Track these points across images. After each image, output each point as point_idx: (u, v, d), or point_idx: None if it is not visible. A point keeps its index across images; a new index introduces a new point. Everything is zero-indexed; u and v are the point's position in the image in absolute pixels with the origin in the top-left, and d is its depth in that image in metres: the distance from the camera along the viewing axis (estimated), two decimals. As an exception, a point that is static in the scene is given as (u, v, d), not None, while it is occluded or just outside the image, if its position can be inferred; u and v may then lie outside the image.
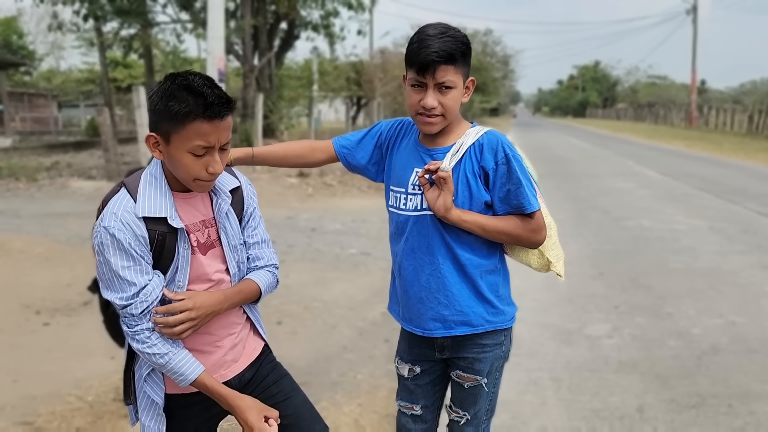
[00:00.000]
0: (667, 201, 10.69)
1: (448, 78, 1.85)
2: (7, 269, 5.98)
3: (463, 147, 1.90)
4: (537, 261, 2.06)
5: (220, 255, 1.80)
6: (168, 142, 1.63)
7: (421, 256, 1.96)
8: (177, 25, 19.85)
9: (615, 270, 6.20)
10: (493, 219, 1.92)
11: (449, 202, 1.87)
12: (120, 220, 1.63)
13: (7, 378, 3.70)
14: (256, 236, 1.91)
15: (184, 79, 1.61)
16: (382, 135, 2.12)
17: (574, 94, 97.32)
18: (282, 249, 6.99)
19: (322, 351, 4.21)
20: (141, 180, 1.71)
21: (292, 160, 2.20)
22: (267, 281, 1.90)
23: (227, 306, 1.78)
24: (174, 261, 1.71)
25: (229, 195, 1.82)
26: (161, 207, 1.68)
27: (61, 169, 14.09)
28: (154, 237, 1.67)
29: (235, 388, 1.85)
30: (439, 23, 1.91)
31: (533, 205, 1.90)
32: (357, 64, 29.71)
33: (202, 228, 1.77)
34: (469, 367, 2.02)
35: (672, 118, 51.32)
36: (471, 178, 1.90)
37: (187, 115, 1.58)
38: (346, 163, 2.16)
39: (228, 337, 1.85)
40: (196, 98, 1.57)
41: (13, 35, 37.80)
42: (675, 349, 4.19)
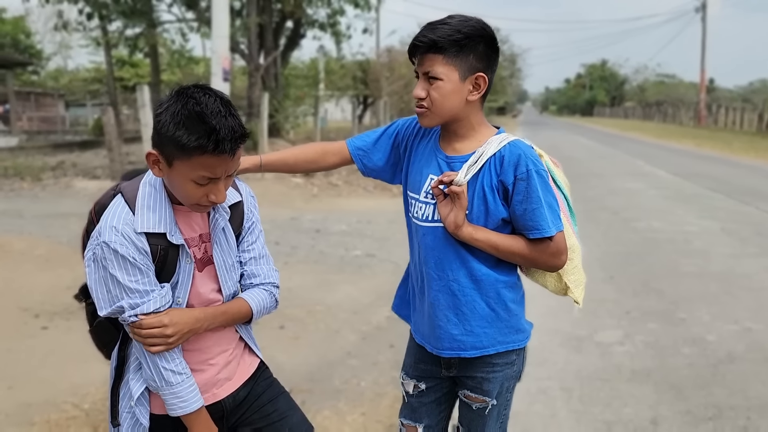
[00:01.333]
0: (678, 201, 10.54)
1: (434, 68, 1.71)
2: (6, 271, 5.90)
3: (483, 157, 1.74)
4: (554, 284, 1.92)
5: (214, 273, 1.70)
6: (170, 165, 1.51)
7: (432, 270, 1.83)
8: (182, 24, 19.82)
9: (626, 273, 6.07)
10: (508, 239, 1.77)
11: (460, 219, 1.73)
12: (121, 234, 1.53)
13: (2, 384, 3.61)
14: (254, 251, 1.78)
15: (197, 103, 1.46)
16: (400, 134, 1.98)
17: (582, 93, 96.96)
18: (285, 251, 6.90)
19: (324, 357, 4.11)
20: (139, 190, 1.60)
21: (302, 166, 2.06)
22: (261, 301, 1.76)
23: (207, 325, 1.65)
24: (175, 276, 1.61)
25: (228, 211, 1.70)
26: (161, 222, 1.57)
27: (66, 168, 14.05)
28: (157, 251, 1.57)
29: (228, 407, 1.76)
30: (463, 15, 1.77)
31: (551, 229, 1.73)
32: (363, 62, 29.58)
33: (199, 243, 1.67)
34: (478, 387, 1.88)
35: (681, 117, 51.00)
36: (488, 193, 1.75)
37: (195, 149, 1.46)
38: (362, 165, 2.02)
39: (221, 355, 1.74)
40: (209, 133, 1.45)
41: (20, 35, 37.90)
42: (689, 357, 4.06)
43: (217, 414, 1.75)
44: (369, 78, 28.78)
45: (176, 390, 1.58)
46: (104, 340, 1.73)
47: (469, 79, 1.74)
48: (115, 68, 26.40)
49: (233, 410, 1.78)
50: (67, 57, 58.90)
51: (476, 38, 1.72)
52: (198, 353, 1.70)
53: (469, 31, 1.71)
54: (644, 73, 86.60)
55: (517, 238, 1.78)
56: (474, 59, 1.73)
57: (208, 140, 1.45)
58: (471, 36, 1.71)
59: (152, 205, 1.58)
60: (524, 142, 1.81)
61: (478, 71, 1.75)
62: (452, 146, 1.83)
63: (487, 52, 1.75)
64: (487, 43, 1.74)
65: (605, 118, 75.76)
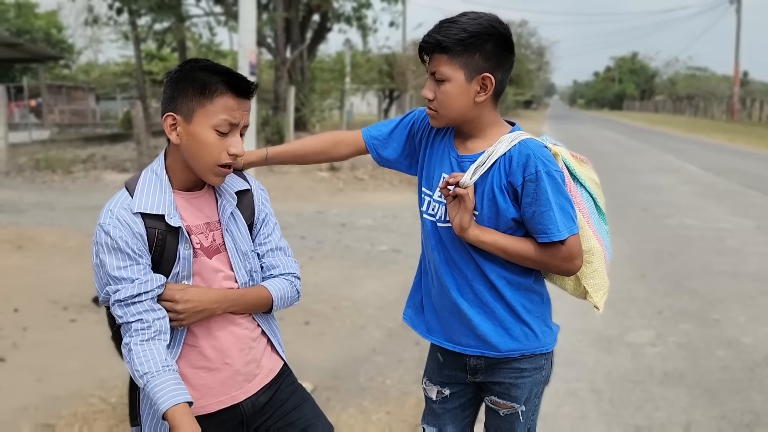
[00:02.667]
0: (710, 198, 10.31)
1: (439, 68, 1.67)
2: (38, 263, 5.99)
3: (492, 157, 1.68)
4: (572, 287, 1.84)
5: (227, 261, 1.66)
6: (190, 120, 1.53)
7: (451, 269, 1.77)
8: (210, 18, 19.95)
9: (657, 272, 5.94)
10: (517, 242, 1.70)
11: (466, 221, 1.66)
12: (116, 217, 1.52)
13: (31, 377, 3.65)
14: (270, 243, 1.75)
15: (207, 62, 1.58)
16: (416, 124, 1.91)
17: (611, 86, 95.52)
18: (311, 245, 6.89)
19: (350, 353, 4.08)
20: (141, 176, 1.60)
21: (312, 157, 2.01)
22: (281, 289, 1.72)
23: (225, 307, 1.62)
24: (176, 264, 1.58)
25: (235, 197, 1.68)
26: (159, 204, 1.55)
27: (96, 161, 14.26)
28: (154, 236, 1.55)
29: (247, 412, 1.70)
30: (474, 11, 1.70)
31: (561, 233, 1.65)
32: (389, 56, 29.50)
33: (206, 231, 1.63)
34: (506, 393, 1.82)
35: (712, 111, 49.94)
36: (498, 193, 1.69)
37: (217, 87, 1.52)
38: (377, 155, 1.96)
39: (239, 354, 1.68)
40: (222, 74, 1.54)
41: (53, 29, 38.55)
42: (724, 360, 3.95)
43: (236, 419, 1.70)
44: (395, 71, 28.69)
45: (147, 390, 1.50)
46: None
47: (475, 80, 1.67)
48: (144, 62, 26.70)
49: (254, 416, 1.72)
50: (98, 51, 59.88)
51: (483, 36, 1.64)
52: (214, 351, 1.65)
53: (476, 30, 1.63)
54: (675, 66, 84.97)
55: (527, 241, 1.71)
56: (480, 58, 1.65)
57: (228, 78, 1.53)
58: (477, 35, 1.63)
59: (152, 188, 1.58)
60: (536, 140, 1.73)
61: (485, 71, 1.67)
62: (465, 145, 1.78)
63: (497, 51, 1.67)
64: (496, 41, 1.66)
65: (634, 111, 74.59)
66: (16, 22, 35.22)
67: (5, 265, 5.89)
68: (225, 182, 1.67)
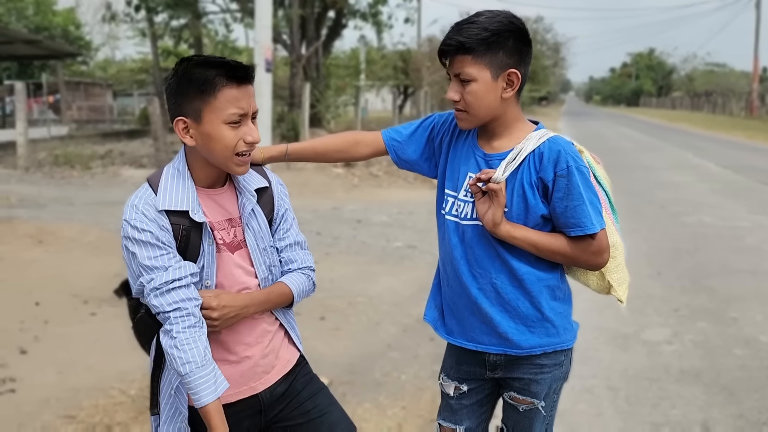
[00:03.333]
0: (728, 195, 10.20)
1: (464, 69, 1.67)
2: (58, 258, 6.08)
3: (522, 154, 1.70)
4: (596, 283, 1.86)
5: (248, 257, 1.69)
6: (200, 120, 1.55)
7: (473, 268, 1.78)
8: (226, 14, 20.05)
9: (674, 270, 5.90)
10: (548, 237, 1.72)
11: (498, 217, 1.68)
12: (141, 212, 1.56)
13: (53, 369, 3.72)
14: (289, 238, 1.79)
15: (199, 57, 1.58)
16: (435, 128, 1.93)
17: (628, 83, 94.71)
18: (327, 241, 6.93)
19: (365, 349, 4.11)
20: (163, 173, 1.63)
21: (332, 156, 2.02)
22: (300, 284, 1.77)
23: (253, 310, 1.67)
24: (200, 258, 1.61)
25: (255, 194, 1.71)
26: (183, 200, 1.58)
27: (114, 157, 14.40)
28: (179, 231, 1.58)
29: (265, 402, 1.75)
30: (489, 9, 1.72)
31: (594, 226, 1.68)
32: (404, 52, 29.46)
33: (228, 227, 1.66)
34: (525, 389, 1.83)
35: (731, 108, 49.34)
36: (528, 189, 1.70)
37: (217, 81, 1.52)
38: (396, 157, 1.98)
39: (257, 346, 1.72)
40: (219, 67, 1.54)
41: (71, 26, 38.90)
42: (742, 359, 3.92)
43: (254, 407, 1.74)
44: (410, 68, 28.64)
45: (188, 380, 1.54)
46: (147, 336, 1.73)
47: (501, 77, 1.69)
48: (161, 59, 26.89)
49: (271, 405, 1.76)
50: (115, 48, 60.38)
51: (504, 33, 1.66)
52: (234, 345, 1.69)
53: (497, 28, 1.65)
54: (693, 62, 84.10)
55: (558, 236, 1.73)
56: (504, 55, 1.67)
57: (224, 70, 1.52)
58: (499, 32, 1.65)
59: (176, 185, 1.60)
60: (564, 138, 1.75)
61: (509, 67, 1.69)
62: (490, 143, 1.79)
63: (518, 47, 1.69)
64: (516, 37, 1.68)
65: (651, 108, 73.91)
66: (35, 19, 35.59)
67: (27, 259, 5.99)
68: (245, 180, 1.70)
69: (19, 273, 5.55)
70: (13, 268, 5.70)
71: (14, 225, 7.19)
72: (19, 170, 12.40)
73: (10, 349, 3.97)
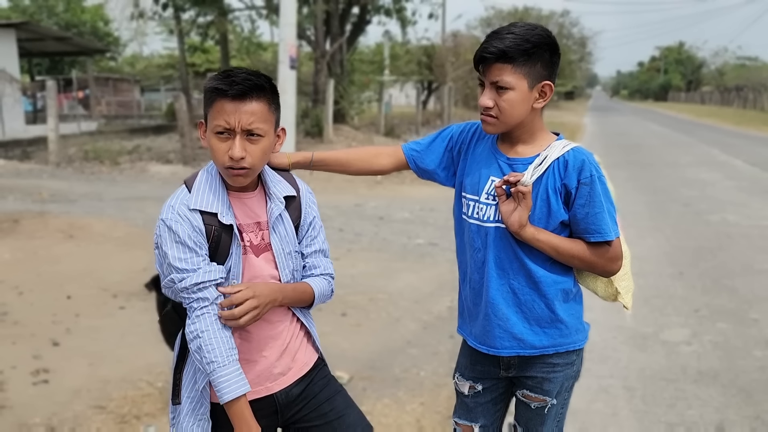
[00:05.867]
0: (755, 194, 10.06)
1: (502, 78, 1.72)
2: (88, 252, 6.25)
3: (548, 160, 1.76)
4: (604, 289, 1.93)
5: (273, 260, 1.77)
6: (206, 127, 1.68)
7: (492, 270, 1.85)
8: (251, 11, 20.20)
9: (696, 269, 5.87)
10: (568, 242, 1.79)
11: (524, 219, 1.75)
12: (177, 212, 1.65)
13: (84, 361, 3.86)
14: (315, 245, 1.87)
15: (230, 68, 1.67)
16: (453, 138, 2.01)
17: (656, 77, 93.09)
18: (349, 237, 7.01)
19: (385, 345, 4.18)
20: (198, 176, 1.73)
21: (355, 165, 2.09)
22: (322, 288, 1.86)
23: (282, 299, 1.74)
24: (228, 259, 1.69)
25: (283, 201, 1.78)
26: (213, 203, 1.67)
27: (142, 152, 14.65)
28: (211, 232, 1.67)
29: (281, 403, 1.80)
30: (523, 22, 1.79)
31: (612, 233, 1.76)
32: (428, 47, 29.39)
33: (256, 230, 1.74)
34: (538, 387, 1.91)
35: (762, 103, 48.21)
36: (552, 195, 1.77)
37: (213, 92, 1.61)
38: (415, 166, 2.06)
39: (274, 347, 1.79)
40: (225, 77, 1.61)
41: (99, 22, 39.47)
42: (761, 360, 3.92)
43: (270, 408, 1.80)
44: (434, 63, 28.60)
45: (212, 376, 1.61)
46: (171, 330, 1.83)
47: (536, 88, 1.76)
48: (188, 54, 27.20)
49: (287, 405, 1.82)
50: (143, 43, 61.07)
51: (543, 46, 1.72)
52: (250, 344, 1.75)
53: (537, 40, 1.71)
54: (724, 56, 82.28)
55: (577, 241, 1.79)
56: (541, 67, 1.74)
57: (221, 82, 1.60)
58: (539, 45, 1.71)
59: (208, 188, 1.69)
60: (585, 149, 1.82)
61: (545, 79, 1.76)
62: (514, 149, 1.85)
63: (553, 59, 1.76)
64: (552, 50, 1.75)
65: (680, 103, 72.65)
66: (65, 16, 36.19)
67: (59, 253, 6.18)
68: (275, 187, 1.78)
69: (52, 267, 5.74)
70: (46, 262, 5.89)
71: (46, 220, 7.40)
72: (51, 165, 12.70)
73: (43, 340, 4.13)
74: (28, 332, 4.27)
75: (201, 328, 1.62)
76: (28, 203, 8.66)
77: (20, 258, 6.00)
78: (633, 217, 8.14)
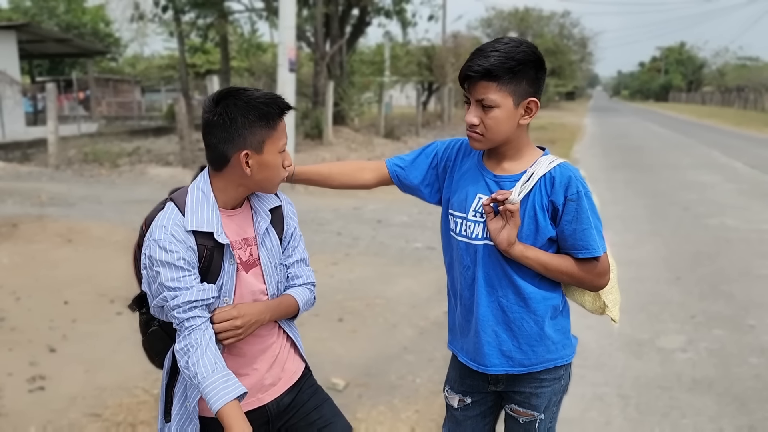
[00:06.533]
0: (755, 197, 10.04)
1: (487, 96, 1.72)
2: (86, 257, 6.26)
3: (534, 177, 1.76)
4: (591, 303, 1.94)
5: (261, 274, 1.79)
6: (261, 151, 1.67)
7: (481, 287, 1.85)
8: (251, 13, 20.21)
9: (693, 275, 5.86)
10: (557, 258, 1.79)
11: (513, 236, 1.75)
12: (171, 233, 1.64)
13: (80, 368, 3.86)
14: (296, 255, 1.90)
15: (244, 91, 1.68)
16: (438, 155, 2.01)
17: (657, 77, 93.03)
18: (347, 242, 7.02)
19: (382, 351, 4.19)
20: (188, 194, 1.72)
21: (337, 180, 2.09)
22: (305, 298, 1.89)
23: (269, 316, 1.78)
24: (220, 277, 1.70)
25: (269, 214, 1.81)
26: (209, 221, 1.68)
27: (141, 154, 14.66)
28: (203, 251, 1.67)
29: (272, 413, 1.84)
30: (512, 38, 1.77)
31: (599, 249, 1.77)
32: (429, 48, 29.42)
33: (245, 246, 1.76)
34: (526, 402, 1.91)
35: (763, 103, 48.16)
36: (539, 212, 1.77)
37: (276, 116, 1.67)
38: (399, 182, 2.06)
39: (264, 359, 1.83)
40: (275, 98, 1.68)
41: (100, 23, 39.49)
42: (756, 368, 3.92)
43: (262, 419, 1.83)
44: (434, 64, 28.63)
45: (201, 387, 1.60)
46: (157, 348, 1.83)
47: (522, 105, 1.75)
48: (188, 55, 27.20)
49: (278, 415, 1.86)
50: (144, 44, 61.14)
51: (528, 63, 1.72)
52: (241, 358, 1.79)
53: (522, 58, 1.70)
54: (725, 56, 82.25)
55: (565, 258, 1.79)
56: (527, 84, 1.73)
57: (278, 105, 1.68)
58: (524, 62, 1.70)
59: (201, 207, 1.69)
60: (571, 164, 1.82)
61: (530, 96, 1.75)
62: (500, 165, 1.85)
63: (539, 76, 1.75)
64: (537, 67, 1.74)
65: (681, 103, 72.60)
66: (65, 17, 36.22)
67: (57, 258, 6.18)
68: (260, 201, 1.80)
69: (50, 272, 5.74)
70: (44, 267, 5.89)
71: (45, 224, 7.41)
72: (50, 168, 12.71)
73: (40, 347, 4.14)
74: (25, 338, 4.28)
75: (191, 343, 1.62)
76: (27, 207, 8.67)
77: (18, 263, 6.01)
78: (632, 221, 8.14)
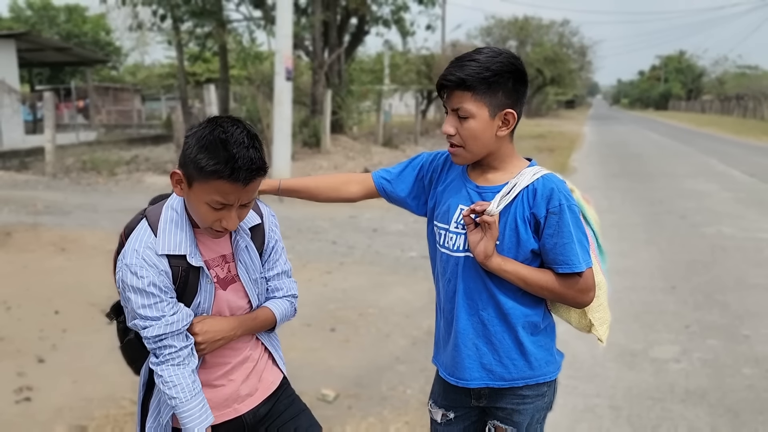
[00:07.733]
0: (752, 205, 10.02)
1: (462, 105, 1.69)
2: (79, 266, 6.23)
3: (516, 189, 1.72)
4: (577, 320, 1.90)
5: (241, 289, 1.78)
6: (190, 186, 1.58)
7: (461, 300, 1.82)
8: (250, 22, 20.26)
9: (689, 284, 5.83)
10: (537, 272, 1.75)
11: (490, 249, 1.71)
12: (143, 257, 1.60)
13: (68, 378, 3.83)
14: (277, 268, 1.87)
15: (224, 131, 1.53)
16: (424, 167, 1.99)
17: (656, 86, 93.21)
18: (342, 251, 6.99)
19: (373, 361, 4.15)
20: (162, 214, 1.68)
21: (324, 193, 2.07)
22: (284, 310, 1.87)
23: (241, 332, 1.76)
24: (197, 296, 1.68)
25: (248, 233, 1.78)
26: (181, 244, 1.65)
27: (139, 163, 14.67)
28: (178, 273, 1.65)
29: (248, 423, 1.83)
30: (491, 48, 1.75)
31: (581, 264, 1.71)
32: (428, 57, 29.50)
33: (222, 263, 1.74)
34: (508, 418, 1.87)
35: (762, 112, 48.20)
36: (520, 224, 1.73)
37: (212, 173, 1.52)
38: (385, 194, 2.04)
39: (240, 370, 1.81)
40: (227, 160, 1.51)
41: (101, 32, 39.67)
42: (750, 379, 3.88)
43: (238, 429, 1.83)
44: (433, 72, 28.66)
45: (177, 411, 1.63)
46: (133, 356, 1.83)
47: (498, 116, 1.72)
48: (188, 64, 27.28)
49: (254, 426, 1.85)
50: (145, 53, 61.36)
51: (506, 75, 1.69)
52: (218, 368, 1.77)
53: (498, 68, 1.68)
54: (724, 64, 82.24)
55: (546, 272, 1.75)
56: (503, 96, 1.71)
57: (224, 167, 1.51)
58: (500, 73, 1.68)
59: (174, 228, 1.66)
60: (557, 176, 1.79)
61: (507, 107, 1.72)
62: (484, 176, 1.82)
63: (516, 87, 1.72)
64: (516, 78, 1.71)
65: (680, 111, 72.74)
66: (66, 26, 36.38)
67: (49, 267, 6.16)
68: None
69: (42, 281, 5.72)
70: (36, 276, 5.87)
71: (39, 232, 7.39)
72: (47, 176, 12.71)
73: (28, 357, 4.10)
74: (14, 348, 4.25)
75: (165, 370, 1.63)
76: (22, 215, 8.66)
77: (10, 272, 5.98)
78: (629, 229, 8.12)
